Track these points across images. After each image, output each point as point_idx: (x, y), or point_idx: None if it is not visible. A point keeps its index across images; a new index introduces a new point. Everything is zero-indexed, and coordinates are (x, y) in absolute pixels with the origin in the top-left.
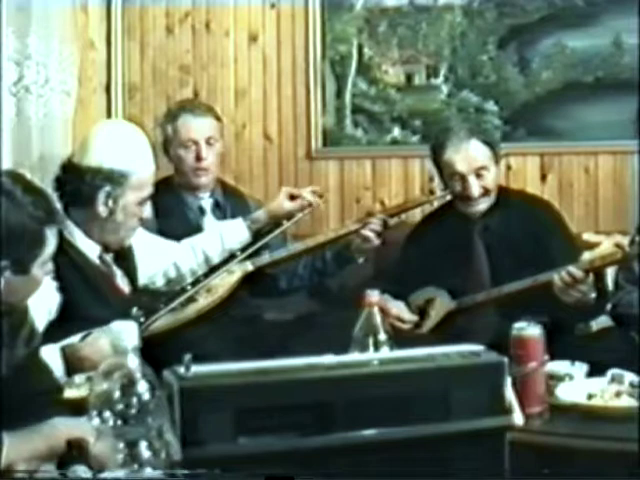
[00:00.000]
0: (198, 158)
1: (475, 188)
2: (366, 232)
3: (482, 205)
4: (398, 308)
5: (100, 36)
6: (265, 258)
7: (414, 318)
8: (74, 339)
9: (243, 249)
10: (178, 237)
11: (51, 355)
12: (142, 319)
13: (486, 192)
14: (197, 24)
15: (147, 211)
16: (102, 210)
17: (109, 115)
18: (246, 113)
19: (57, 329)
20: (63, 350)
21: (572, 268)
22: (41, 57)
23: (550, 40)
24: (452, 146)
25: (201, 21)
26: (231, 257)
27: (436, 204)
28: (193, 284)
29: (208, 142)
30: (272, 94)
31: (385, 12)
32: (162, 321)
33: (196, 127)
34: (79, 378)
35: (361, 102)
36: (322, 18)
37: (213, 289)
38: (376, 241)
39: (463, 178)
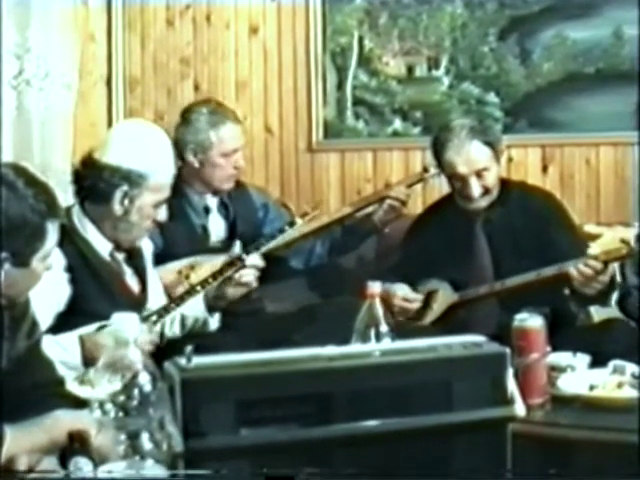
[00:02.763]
0: (236, 167)
1: (476, 189)
2: (392, 201)
3: (483, 202)
4: (402, 289)
5: (101, 29)
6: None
7: (420, 297)
8: (91, 328)
9: (248, 252)
10: (182, 239)
11: (69, 342)
12: (154, 318)
13: (487, 191)
14: (198, 17)
15: (162, 215)
16: (117, 209)
17: (109, 108)
18: (247, 106)
19: (65, 321)
20: (81, 337)
21: (592, 260)
22: (41, 50)
23: (551, 31)
24: (453, 147)
25: (202, 14)
26: (236, 260)
27: (438, 196)
28: (202, 285)
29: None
30: (273, 87)
31: (385, 4)
32: None
33: (238, 136)
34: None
35: (362, 94)
36: (323, 10)
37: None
38: (403, 209)
39: (463, 179)
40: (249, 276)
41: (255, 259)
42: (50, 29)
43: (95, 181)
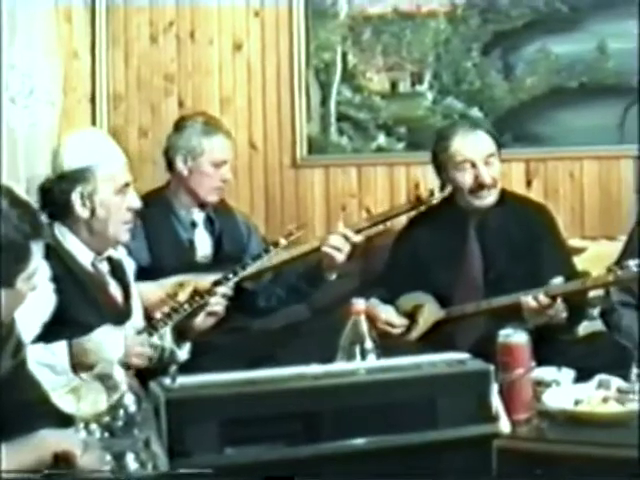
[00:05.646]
0: (223, 179)
1: (487, 175)
2: (326, 249)
3: (490, 198)
4: (387, 312)
5: (84, 46)
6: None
7: (404, 322)
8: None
9: (235, 271)
10: (169, 253)
11: (58, 346)
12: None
13: (494, 183)
14: (181, 33)
15: (135, 201)
16: (82, 211)
17: (94, 125)
18: (231, 121)
19: (51, 331)
20: (69, 342)
21: (540, 295)
22: (26, 68)
23: (534, 46)
24: (460, 135)
25: (185, 30)
26: (223, 279)
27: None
28: (190, 304)
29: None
30: (257, 102)
31: (369, 20)
32: None
33: (228, 149)
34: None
35: (346, 110)
36: (306, 26)
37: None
38: (339, 257)
39: (474, 165)
40: (217, 306)
41: (225, 289)
42: (34, 46)
43: (51, 197)
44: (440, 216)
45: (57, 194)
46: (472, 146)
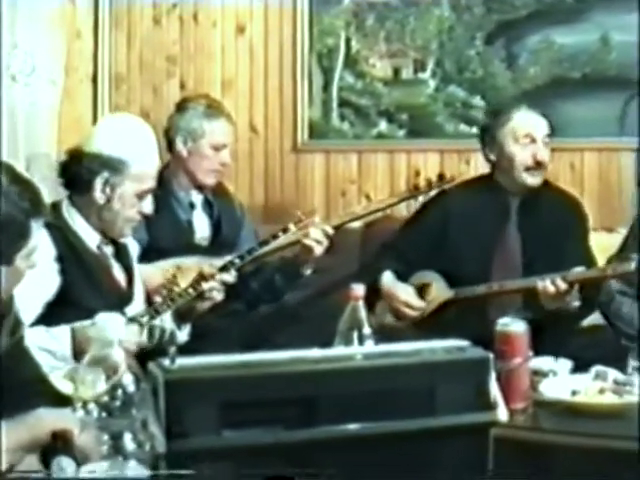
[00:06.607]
0: (222, 163)
1: (545, 153)
2: (307, 241)
3: (540, 178)
4: (407, 293)
5: (87, 26)
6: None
7: (422, 305)
8: (85, 323)
9: (241, 257)
10: (168, 233)
11: (60, 331)
12: (146, 319)
13: (547, 164)
14: (184, 15)
15: (148, 207)
16: (99, 196)
17: (95, 105)
18: (232, 105)
19: (53, 312)
20: (72, 329)
21: (558, 280)
22: (28, 46)
23: (537, 36)
24: (523, 112)
25: (189, 12)
26: (229, 264)
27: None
28: (193, 287)
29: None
30: (259, 86)
31: (373, 6)
32: None
33: (229, 133)
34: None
35: (348, 95)
36: (310, 10)
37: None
38: (319, 250)
39: (534, 141)
40: (213, 292)
41: (228, 275)
42: (37, 25)
43: (77, 170)
44: (478, 193)
45: (84, 169)
46: (534, 122)
